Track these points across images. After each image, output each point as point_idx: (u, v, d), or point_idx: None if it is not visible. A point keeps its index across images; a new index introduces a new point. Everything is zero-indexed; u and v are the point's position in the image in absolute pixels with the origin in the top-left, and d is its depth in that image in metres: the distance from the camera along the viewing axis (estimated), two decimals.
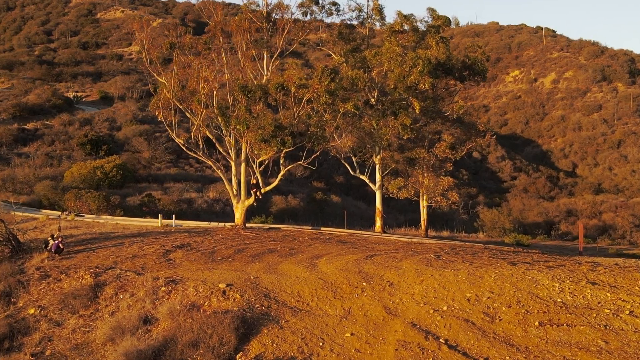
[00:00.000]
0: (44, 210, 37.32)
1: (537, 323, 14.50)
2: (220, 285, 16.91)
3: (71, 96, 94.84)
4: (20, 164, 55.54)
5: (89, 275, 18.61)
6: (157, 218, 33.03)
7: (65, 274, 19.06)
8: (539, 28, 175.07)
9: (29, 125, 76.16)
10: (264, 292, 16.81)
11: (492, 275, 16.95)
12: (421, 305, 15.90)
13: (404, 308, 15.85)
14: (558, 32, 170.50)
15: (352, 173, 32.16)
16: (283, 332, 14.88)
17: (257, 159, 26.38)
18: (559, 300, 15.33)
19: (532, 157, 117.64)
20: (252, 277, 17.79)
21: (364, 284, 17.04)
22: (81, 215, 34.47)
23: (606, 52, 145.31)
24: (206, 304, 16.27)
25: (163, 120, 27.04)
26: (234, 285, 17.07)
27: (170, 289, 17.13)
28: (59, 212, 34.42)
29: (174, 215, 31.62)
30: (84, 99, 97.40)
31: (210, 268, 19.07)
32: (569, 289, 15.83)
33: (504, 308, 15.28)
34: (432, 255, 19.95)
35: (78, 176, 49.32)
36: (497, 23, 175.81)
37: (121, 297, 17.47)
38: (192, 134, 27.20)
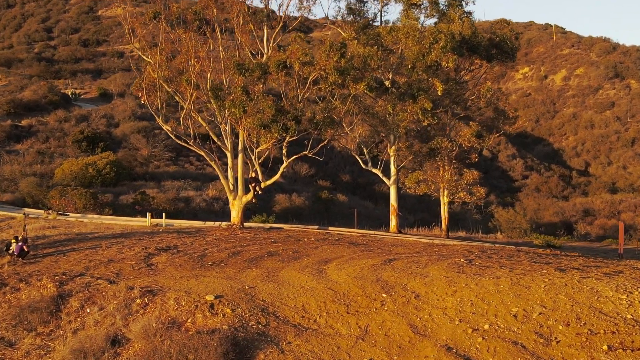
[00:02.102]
0: (26, 209, 34.29)
1: (605, 347, 11.44)
2: (208, 297, 13.79)
3: (69, 93, 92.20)
4: (9, 161, 52.58)
5: (52, 284, 15.52)
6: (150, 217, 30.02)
7: (25, 282, 15.96)
8: (548, 25, 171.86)
9: (23, 122, 73.35)
10: (261, 305, 13.69)
11: (541, 284, 13.82)
12: (456, 322, 12.77)
13: (435, 326, 12.73)
14: (567, 29, 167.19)
15: (363, 167, 28.94)
16: (284, 357, 11.78)
17: (256, 148, 23.27)
18: (629, 316, 12.23)
19: (543, 155, 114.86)
20: (247, 287, 14.67)
21: (384, 295, 13.91)
22: (65, 214, 31.44)
23: (618, 48, 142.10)
24: (189, 320, 13.17)
25: (147, 104, 23.90)
26: (225, 296, 13.96)
27: (146, 301, 14.02)
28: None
29: (164, 214, 28.55)
30: (82, 96, 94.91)
31: (197, 275, 15.96)
32: (639, 302, 12.75)
33: (560, 327, 12.17)
34: (462, 260, 16.80)
35: (69, 173, 46.41)
36: (506, 20, 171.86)
37: (88, 310, 14.37)
38: (181, 120, 24.04)
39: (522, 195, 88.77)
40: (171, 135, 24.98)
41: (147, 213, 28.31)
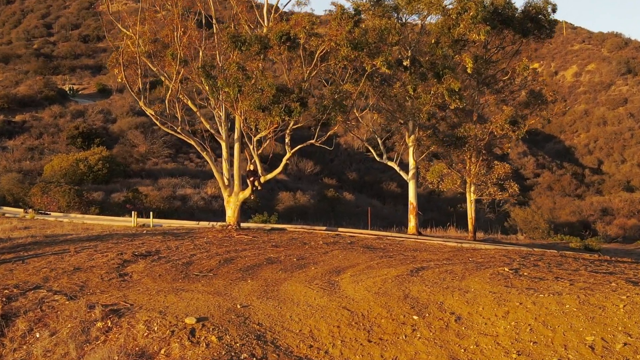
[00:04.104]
0: (5, 208, 31.33)
1: None
2: (188, 320, 10.67)
3: (67, 89, 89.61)
4: None
5: None
6: (141, 217, 27.12)
7: None
8: (557, 21, 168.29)
9: (17, 118, 70.57)
10: (257, 331, 10.56)
11: (619, 304, 10.64)
12: (513, 356, 9.64)
13: None
14: (576, 25, 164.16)
15: (377, 159, 25.78)
16: None
17: (255, 136, 20.15)
18: None
19: (554, 153, 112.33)
20: (239, 306, 11.52)
21: (415, 317, 10.78)
22: (46, 214, 28.47)
23: (630, 43, 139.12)
24: (162, 351, 10.06)
25: (125, 82, 20.80)
26: (210, 319, 10.84)
27: (109, 324, 10.92)
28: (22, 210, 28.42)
29: (151, 213, 25.51)
30: (80, 92, 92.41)
31: (178, 289, 12.82)
32: None
33: None
34: (506, 270, 13.64)
35: (59, 170, 43.48)
36: None
37: (37, 335, 11.29)
38: (166, 103, 20.85)
39: (535, 193, 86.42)
40: (156, 122, 21.87)
41: (133, 212, 25.27)
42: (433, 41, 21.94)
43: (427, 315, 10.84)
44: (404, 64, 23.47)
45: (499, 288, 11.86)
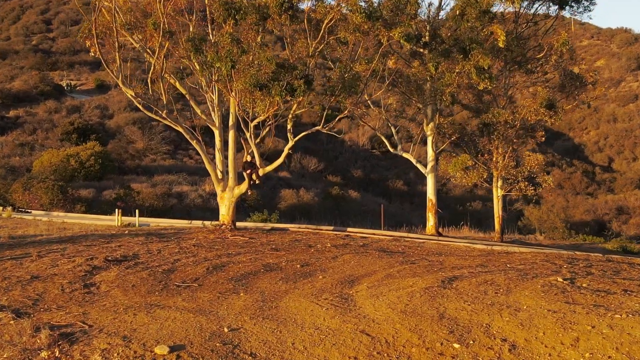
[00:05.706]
0: None
1: None
2: (158, 350, 8.11)
3: (64, 84, 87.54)
4: None
5: None
6: (134, 216, 24.70)
7: None
8: (564, 17, 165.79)
9: (11, 113, 68.30)
10: None
11: None
12: None
13: None
14: (584, 21, 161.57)
15: (392, 151, 23.24)
16: None
17: (251, 122, 17.61)
18: None
19: (563, 150, 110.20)
20: (226, 329, 8.94)
21: (456, 345, 8.22)
22: (26, 212, 26.03)
23: None
24: None
25: (99, 56, 18.31)
26: (188, 348, 8.28)
27: (57, 355, 8.38)
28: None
29: (137, 211, 23.03)
30: (78, 88, 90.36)
31: (152, 305, 10.26)
32: None
33: None
34: (559, 279, 11.05)
35: (49, 166, 41.14)
36: None
37: None
38: (149, 82, 18.26)
39: (544, 191, 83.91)
40: (138, 104, 19.30)
41: (117, 210, 22.78)
42: (457, 13, 19.43)
43: (470, 342, 8.28)
44: (423, 40, 20.85)
45: (558, 305, 9.31)
